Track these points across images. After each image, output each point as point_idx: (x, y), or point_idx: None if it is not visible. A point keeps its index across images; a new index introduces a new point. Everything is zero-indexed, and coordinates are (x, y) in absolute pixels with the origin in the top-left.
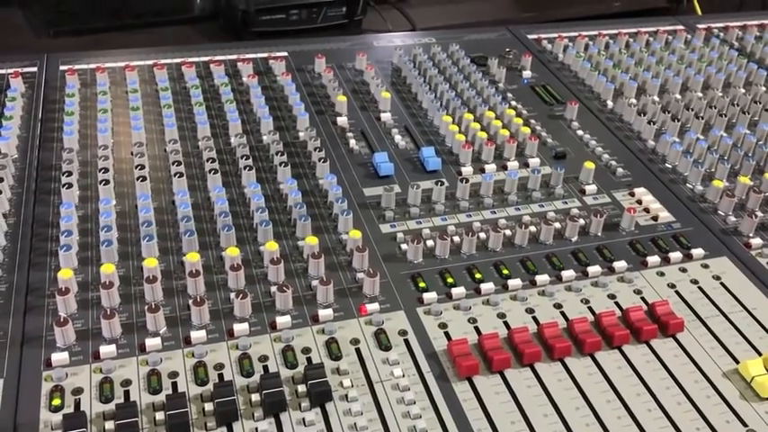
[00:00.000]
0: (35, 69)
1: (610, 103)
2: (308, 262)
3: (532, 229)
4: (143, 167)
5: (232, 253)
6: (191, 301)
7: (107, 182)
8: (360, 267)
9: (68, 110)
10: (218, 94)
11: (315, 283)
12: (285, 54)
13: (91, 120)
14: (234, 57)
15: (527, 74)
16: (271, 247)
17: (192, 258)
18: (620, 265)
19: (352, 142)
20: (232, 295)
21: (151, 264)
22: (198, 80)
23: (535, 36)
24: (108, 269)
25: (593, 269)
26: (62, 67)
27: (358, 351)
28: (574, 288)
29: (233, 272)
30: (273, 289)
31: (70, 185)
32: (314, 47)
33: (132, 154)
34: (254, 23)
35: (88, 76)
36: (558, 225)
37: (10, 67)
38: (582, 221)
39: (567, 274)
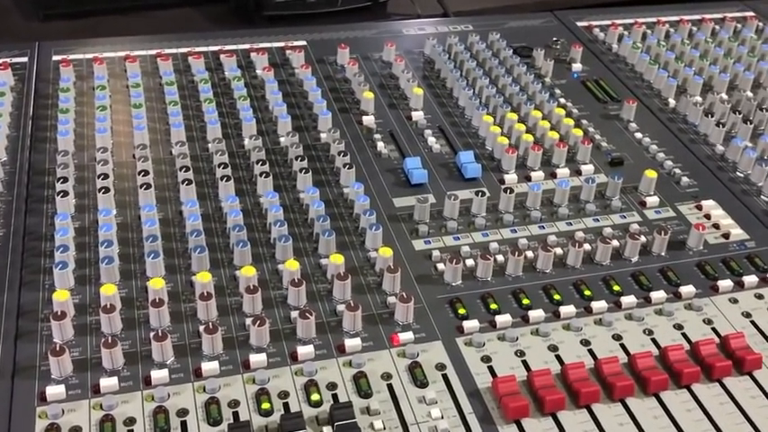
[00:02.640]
0: (25, 60)
1: (672, 102)
2: (333, 283)
3: (587, 247)
4: (147, 173)
5: (247, 273)
6: (201, 328)
7: (107, 189)
8: (391, 290)
9: (63, 107)
10: (230, 90)
11: (340, 308)
12: (304, 43)
13: (88, 118)
14: (246, 46)
15: (577, 67)
16: (291, 267)
17: (203, 278)
18: (687, 290)
19: (380, 145)
20: (248, 321)
21: (157, 285)
22: (207, 73)
23: (585, 23)
24: (108, 290)
25: (657, 295)
26: (55, 57)
27: (390, 387)
28: (635, 316)
29: (249, 294)
30: (294, 314)
31: (66, 193)
32: (336, 35)
33: (134, 157)
34: (267, 6)
35: (84, 67)
36: (615, 243)
37: None
38: (643, 239)
39: (628, 300)
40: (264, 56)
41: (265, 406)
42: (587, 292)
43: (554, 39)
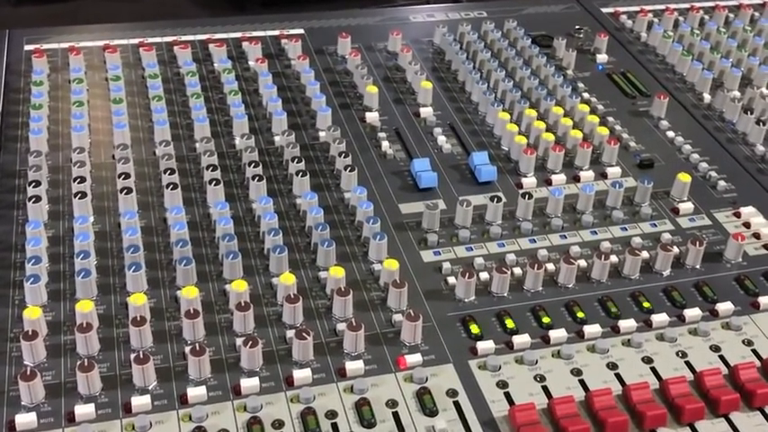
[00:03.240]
0: None
1: (707, 97)
2: (333, 299)
3: (614, 259)
4: (128, 176)
5: (238, 288)
6: (187, 350)
7: (83, 194)
8: (397, 307)
9: (35, 102)
10: (220, 83)
11: (341, 326)
12: (301, 32)
13: (63, 114)
14: (238, 35)
15: (602, 58)
16: (286, 281)
17: (189, 294)
18: (724, 307)
19: (385, 145)
20: (239, 341)
21: (138, 301)
22: (194, 65)
23: (611, 9)
24: (85, 307)
25: (691, 312)
26: (27, 47)
27: (396, 416)
28: (667, 337)
29: (240, 312)
30: (290, 334)
31: (38, 198)
32: (336, 22)
33: (114, 159)
34: None
35: (60, 58)
36: (645, 255)
37: None
38: (676, 250)
39: (659, 318)
40: (258, 45)
41: None
42: (614, 310)
43: (577, 27)
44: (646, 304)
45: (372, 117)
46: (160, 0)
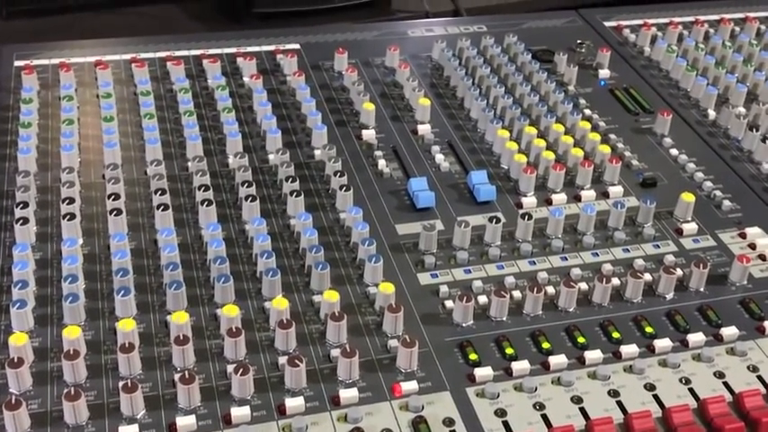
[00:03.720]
0: None
1: (712, 113)
2: (327, 324)
3: (615, 282)
4: (118, 197)
5: (230, 312)
6: (177, 377)
7: (72, 216)
8: (392, 332)
9: (24, 120)
10: (213, 100)
11: (335, 352)
12: (297, 47)
13: (53, 133)
14: (232, 50)
15: (604, 73)
16: (279, 306)
17: (180, 319)
18: (729, 331)
19: (382, 164)
20: (230, 368)
21: (127, 327)
22: (187, 81)
23: (614, 23)
24: (72, 333)
25: (695, 337)
26: (17, 63)
27: None
28: (670, 363)
29: (231, 338)
30: (282, 360)
31: (26, 220)
32: (333, 37)
33: (105, 178)
34: (257, 3)
35: (50, 74)
36: (648, 277)
37: None
38: (679, 272)
39: (662, 343)
40: (252, 61)
41: None
42: (616, 335)
43: (578, 41)
44: (648, 329)
45: (369, 135)
46: (154, 12)
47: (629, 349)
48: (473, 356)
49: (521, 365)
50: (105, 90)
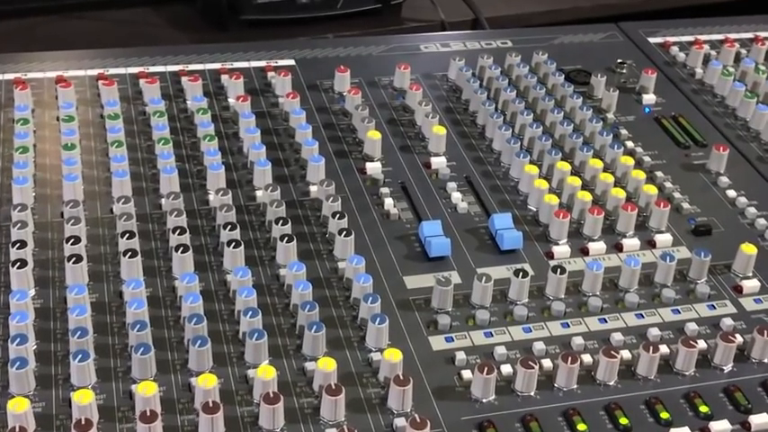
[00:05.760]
0: None
1: None
2: (321, 398)
3: (664, 350)
4: (78, 240)
5: (206, 383)
6: None
7: (23, 263)
8: (399, 409)
9: None
10: (193, 125)
11: None
12: (292, 63)
13: (4, 162)
14: (217, 66)
15: (649, 99)
16: (265, 375)
17: (147, 391)
18: None
19: (389, 203)
20: None
21: (84, 399)
22: (163, 102)
23: (660, 39)
24: (19, 407)
25: (759, 419)
26: None
27: None
28: None
29: (207, 414)
30: None
31: None
32: (334, 52)
33: (63, 218)
34: (246, 9)
35: (3, 92)
36: (702, 344)
37: None
38: (739, 339)
39: (719, 426)
40: (240, 80)
41: None
42: (664, 415)
43: (619, 60)
44: (703, 408)
45: (374, 168)
46: (128, 17)
47: None
48: None
49: None
50: (67, 112)
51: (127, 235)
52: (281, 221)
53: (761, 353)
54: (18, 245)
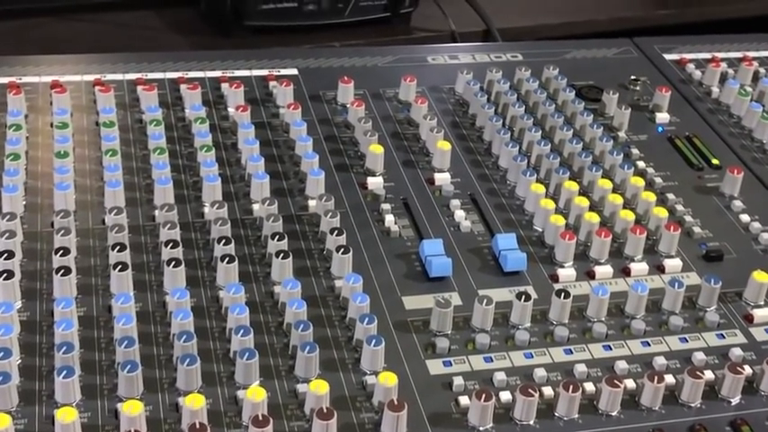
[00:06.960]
0: None
1: None
2: (312, 422)
3: (670, 380)
4: (67, 252)
5: (194, 404)
6: None
7: (10, 274)
8: None
9: None
10: (191, 135)
11: None
12: (294, 72)
13: None
14: (217, 73)
15: (663, 118)
16: (255, 397)
17: (132, 410)
18: None
19: (389, 219)
20: None
21: (68, 417)
22: (161, 111)
23: (676, 56)
24: (1, 423)
25: None
26: None
27: None
28: None
29: None
30: None
31: None
32: (338, 62)
33: (53, 227)
34: (251, 15)
35: None
36: (710, 375)
37: None
38: (748, 371)
39: None
40: (240, 89)
41: None
42: None
43: (632, 77)
44: None
45: (375, 183)
46: (128, 20)
47: None
48: None
49: None
50: (61, 119)
51: (118, 247)
52: (277, 237)
53: None
54: (5, 255)
